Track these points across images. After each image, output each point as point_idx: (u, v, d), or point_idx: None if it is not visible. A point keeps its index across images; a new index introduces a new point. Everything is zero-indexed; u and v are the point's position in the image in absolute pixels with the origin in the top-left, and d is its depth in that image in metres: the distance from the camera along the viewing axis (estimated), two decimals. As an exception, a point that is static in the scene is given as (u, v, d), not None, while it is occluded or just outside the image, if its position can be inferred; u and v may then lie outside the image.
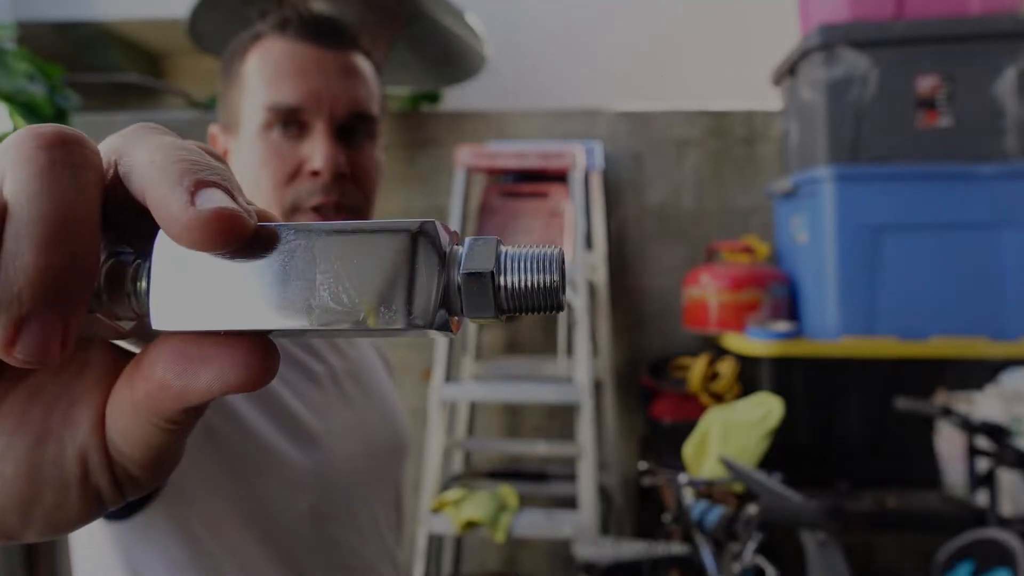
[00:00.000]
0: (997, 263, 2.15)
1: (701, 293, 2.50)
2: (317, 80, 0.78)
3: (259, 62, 0.80)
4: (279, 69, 0.78)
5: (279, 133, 0.79)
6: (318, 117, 0.78)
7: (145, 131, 0.31)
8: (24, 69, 2.37)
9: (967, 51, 2.18)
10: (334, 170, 0.77)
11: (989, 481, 1.77)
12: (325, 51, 0.80)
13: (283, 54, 0.79)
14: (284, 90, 0.78)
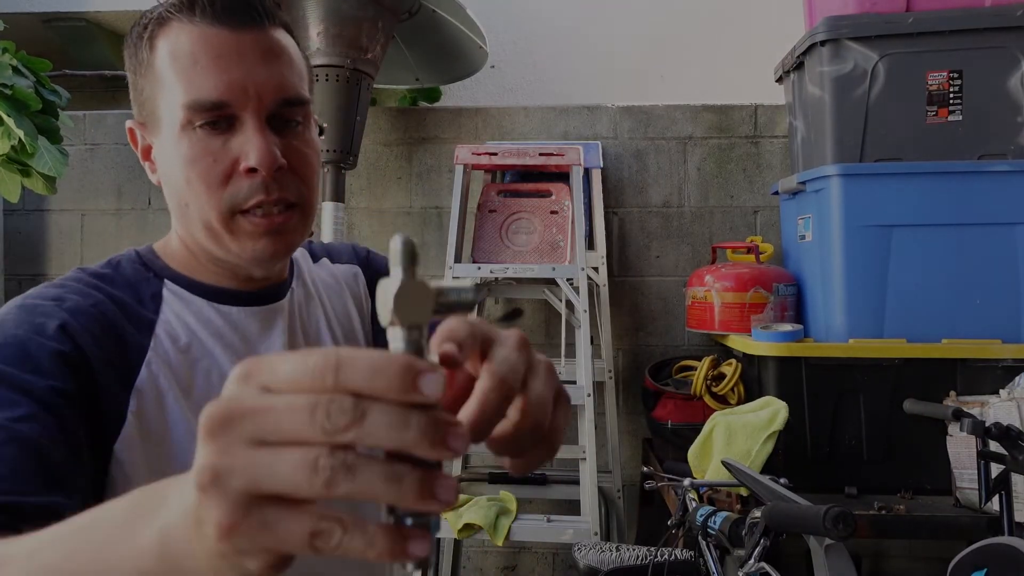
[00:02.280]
0: (1012, 263, 2.10)
1: (705, 293, 2.46)
2: (238, 69, 0.71)
3: (170, 52, 0.72)
4: (194, 60, 0.71)
5: (205, 131, 0.72)
6: (245, 109, 0.72)
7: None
8: (9, 62, 2.33)
9: (979, 44, 2.13)
10: (272, 165, 0.72)
11: (1002, 487, 1.72)
12: (241, 33, 0.72)
13: (196, 42, 0.71)
14: (203, 84, 0.71)
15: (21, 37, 2.70)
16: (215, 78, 0.71)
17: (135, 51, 0.75)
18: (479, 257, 2.57)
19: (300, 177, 0.77)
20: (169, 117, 0.73)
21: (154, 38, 0.73)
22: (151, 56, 0.73)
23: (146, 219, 3.07)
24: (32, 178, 2.46)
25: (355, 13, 2.47)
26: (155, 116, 0.75)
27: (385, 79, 3.12)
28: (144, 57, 0.74)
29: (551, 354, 2.93)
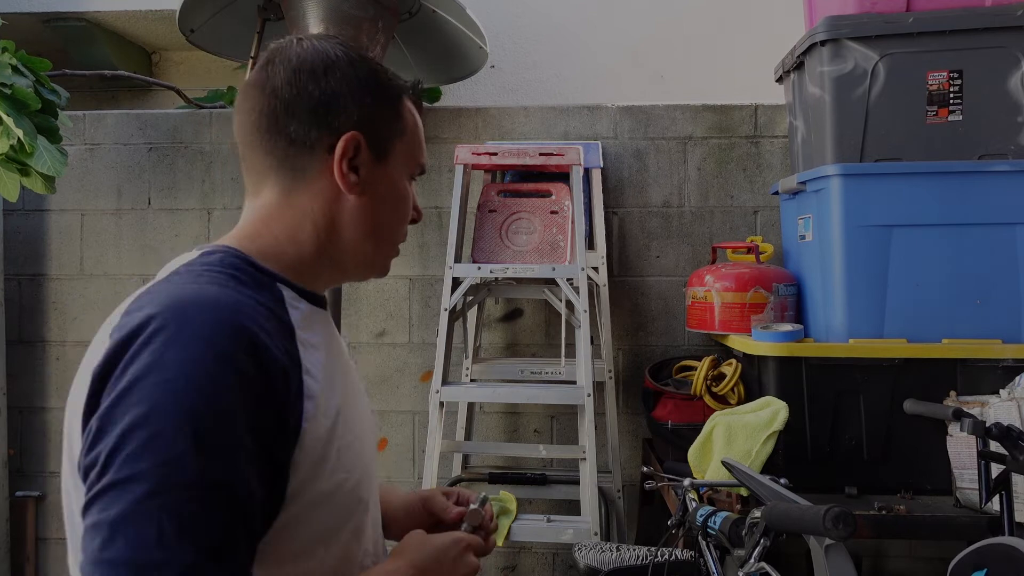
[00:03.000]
0: (1012, 263, 2.10)
1: (705, 293, 2.46)
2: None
3: (413, 121, 0.94)
4: (421, 134, 0.96)
5: (410, 184, 0.95)
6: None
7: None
8: (8, 61, 2.33)
9: (979, 44, 2.13)
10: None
11: (1003, 487, 1.72)
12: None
13: (417, 121, 0.95)
14: (422, 154, 0.96)
15: (21, 37, 2.70)
16: (424, 154, 0.97)
17: (386, 96, 0.91)
18: (479, 257, 2.57)
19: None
20: (401, 161, 0.92)
21: (402, 101, 0.93)
22: (402, 110, 0.92)
23: (146, 219, 3.07)
24: (31, 177, 2.46)
25: (355, 13, 2.47)
26: (386, 150, 0.90)
27: (385, 79, 3.11)
28: (396, 108, 0.92)
29: (551, 354, 2.93)
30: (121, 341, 0.70)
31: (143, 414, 0.65)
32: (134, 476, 0.64)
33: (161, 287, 0.77)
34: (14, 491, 3.04)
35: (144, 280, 3.02)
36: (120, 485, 0.64)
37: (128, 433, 0.65)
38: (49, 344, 3.09)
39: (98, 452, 0.66)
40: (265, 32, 2.69)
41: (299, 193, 0.87)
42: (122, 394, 0.67)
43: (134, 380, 0.67)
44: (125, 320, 0.72)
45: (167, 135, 3.08)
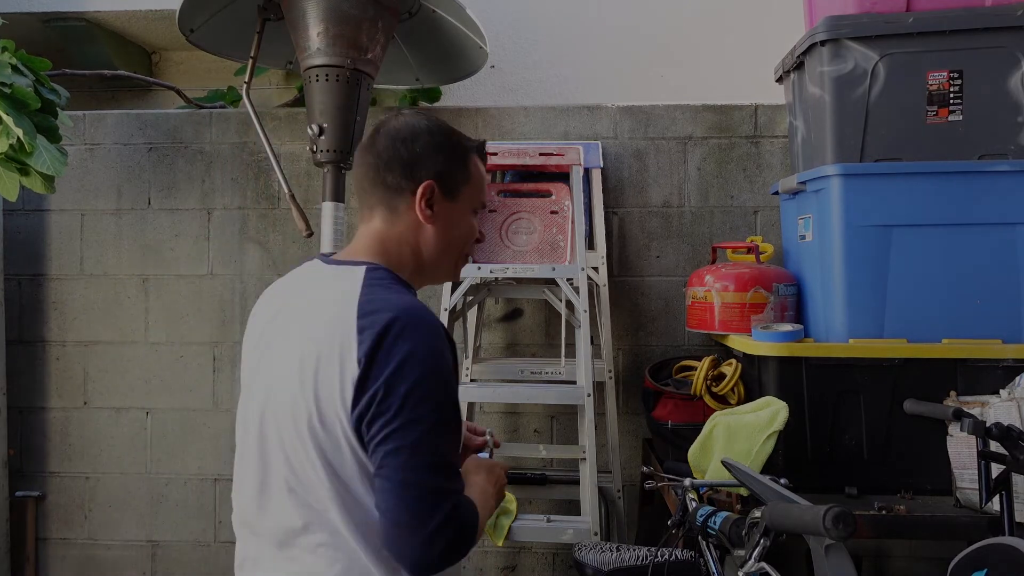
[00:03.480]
0: (1012, 263, 2.10)
1: (705, 293, 2.46)
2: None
3: (478, 171, 1.31)
4: (484, 180, 1.33)
5: (473, 216, 1.33)
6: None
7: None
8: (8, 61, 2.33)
9: (979, 44, 2.13)
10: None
11: (1003, 487, 1.72)
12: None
13: (482, 171, 1.33)
14: (484, 195, 1.34)
15: (21, 36, 2.70)
16: (485, 194, 1.36)
17: (459, 152, 1.28)
18: (479, 257, 2.57)
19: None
20: (467, 200, 1.30)
21: (470, 156, 1.30)
22: (469, 164, 1.29)
23: (146, 219, 3.07)
24: (30, 177, 2.46)
25: (355, 13, 2.46)
26: (455, 190, 1.27)
27: (385, 79, 3.11)
28: (466, 161, 1.29)
29: (551, 354, 2.93)
30: (379, 333, 1.08)
31: (417, 379, 1.07)
32: (420, 417, 1.07)
33: (378, 294, 1.14)
34: (14, 491, 3.04)
35: (144, 280, 3.03)
36: (413, 423, 1.06)
37: (411, 391, 1.06)
38: (49, 344, 3.09)
39: (390, 403, 1.06)
40: (265, 32, 2.68)
41: (396, 223, 1.25)
42: (398, 367, 1.07)
43: (405, 358, 1.07)
44: (371, 320, 1.09)
45: (167, 135, 3.08)
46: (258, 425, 1.17)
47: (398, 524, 1.06)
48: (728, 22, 3.36)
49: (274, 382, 1.16)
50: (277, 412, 1.14)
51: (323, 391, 1.09)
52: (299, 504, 1.13)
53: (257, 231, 3.04)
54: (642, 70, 3.38)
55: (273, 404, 1.15)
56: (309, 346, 1.12)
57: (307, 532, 1.12)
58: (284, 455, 1.13)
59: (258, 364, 1.21)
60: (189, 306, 3.05)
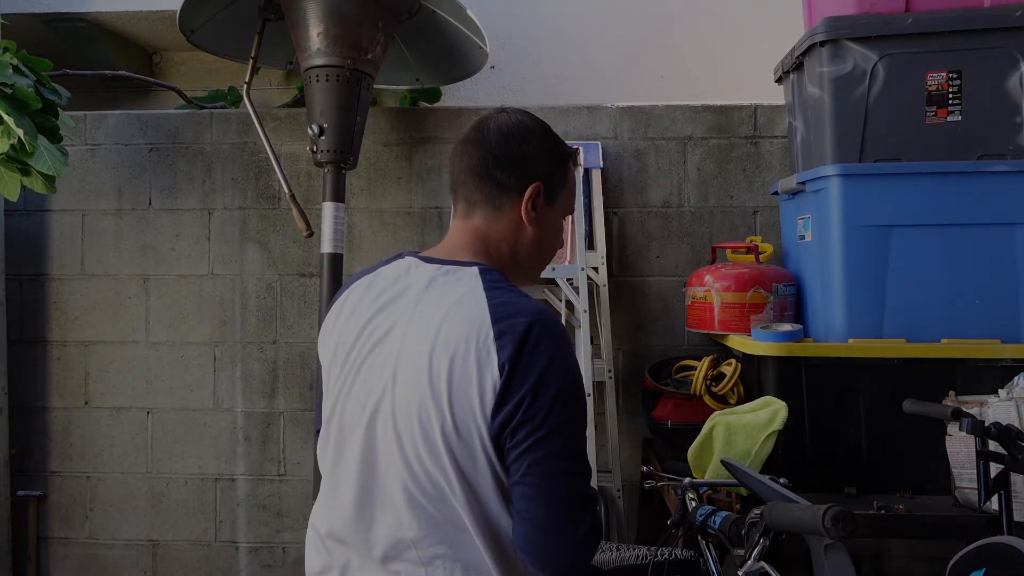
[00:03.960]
0: (1011, 263, 2.10)
1: (705, 293, 2.46)
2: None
3: (573, 177, 1.33)
4: (576, 186, 1.42)
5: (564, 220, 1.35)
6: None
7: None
8: (9, 61, 2.33)
9: (979, 44, 2.14)
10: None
11: (1002, 486, 1.72)
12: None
13: (576, 178, 1.40)
14: (574, 200, 1.37)
15: (22, 37, 2.70)
16: (575, 199, 1.39)
17: (561, 159, 1.29)
18: (479, 257, 2.57)
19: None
20: (562, 205, 1.30)
21: (569, 165, 1.31)
22: (567, 172, 1.30)
23: (147, 219, 3.07)
24: (31, 177, 2.46)
25: (355, 13, 2.47)
26: (554, 195, 1.28)
27: (385, 79, 3.12)
28: (565, 170, 1.30)
29: (551, 354, 2.93)
30: (520, 339, 1.06)
31: (561, 386, 1.06)
32: (566, 424, 1.06)
33: (506, 298, 1.12)
34: (15, 491, 3.05)
35: (145, 280, 3.04)
36: (559, 429, 1.05)
37: (557, 398, 1.05)
38: (50, 344, 3.09)
39: (536, 410, 1.04)
40: (265, 32, 2.69)
41: (499, 222, 1.24)
42: (543, 374, 1.05)
43: (548, 365, 1.06)
44: (508, 324, 1.07)
45: (168, 135, 3.08)
46: (365, 429, 1.12)
47: (546, 530, 1.05)
48: (728, 23, 3.36)
49: (393, 386, 1.10)
50: (398, 417, 1.09)
51: (459, 398, 1.06)
52: (419, 514, 1.09)
53: (257, 231, 3.04)
54: (642, 70, 3.39)
55: (392, 409, 1.10)
56: (440, 350, 1.07)
57: (421, 544, 1.09)
58: (406, 463, 1.09)
59: (362, 364, 1.15)
60: (190, 306, 3.05)
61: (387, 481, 1.10)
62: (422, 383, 1.07)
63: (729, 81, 3.19)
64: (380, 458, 1.11)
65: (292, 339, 3.03)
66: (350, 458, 1.14)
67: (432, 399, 1.06)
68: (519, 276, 1.28)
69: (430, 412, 1.06)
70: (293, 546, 2.99)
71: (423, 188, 3.03)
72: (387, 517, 1.11)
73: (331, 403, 1.18)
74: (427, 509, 1.08)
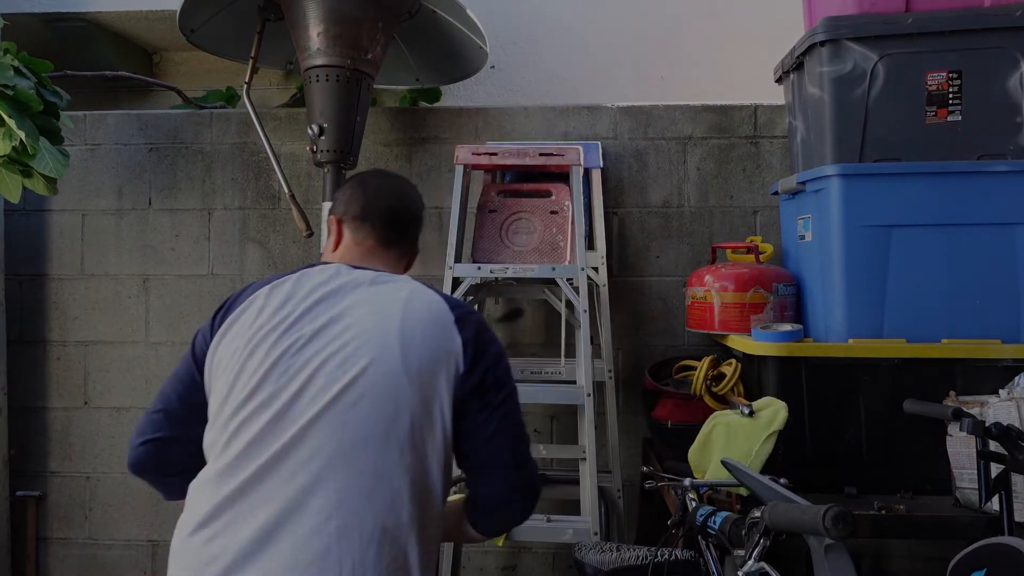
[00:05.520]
0: (1011, 263, 2.10)
1: (705, 293, 2.46)
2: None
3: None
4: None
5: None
6: None
7: None
8: (10, 63, 2.33)
9: (979, 44, 2.13)
10: None
11: (1002, 486, 1.72)
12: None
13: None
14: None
15: (22, 38, 2.70)
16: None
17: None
18: (479, 257, 2.57)
19: None
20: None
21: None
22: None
23: (147, 219, 3.07)
24: (33, 179, 2.46)
25: (355, 13, 2.47)
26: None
27: (385, 79, 3.12)
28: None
29: (551, 354, 2.93)
30: (478, 325, 1.33)
31: (505, 361, 1.36)
32: (514, 390, 1.35)
33: (447, 296, 1.35)
34: (14, 491, 3.04)
35: (145, 280, 3.04)
36: (513, 393, 1.34)
37: (508, 370, 1.35)
38: (50, 344, 3.09)
39: (498, 378, 1.31)
40: (265, 32, 2.69)
41: (396, 268, 1.52)
42: (498, 353, 1.34)
43: (497, 344, 1.35)
44: (462, 311, 1.32)
45: (168, 135, 3.08)
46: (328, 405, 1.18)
47: (518, 465, 1.31)
48: (728, 22, 3.36)
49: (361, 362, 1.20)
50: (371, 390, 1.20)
51: (426, 371, 1.23)
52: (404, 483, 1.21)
53: (257, 231, 3.04)
54: (642, 70, 3.39)
55: (364, 382, 1.20)
56: (408, 329, 1.24)
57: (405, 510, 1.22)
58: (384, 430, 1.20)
59: (303, 347, 1.22)
60: (190, 306, 3.05)
61: (363, 451, 1.17)
62: (394, 359, 1.21)
63: (729, 81, 3.19)
64: (353, 429, 1.18)
65: (292, 339, 3.02)
66: (308, 435, 1.17)
67: (404, 372, 1.21)
68: None
69: (402, 383, 1.21)
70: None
71: (423, 188, 3.01)
72: (383, 493, 1.18)
73: (252, 387, 1.20)
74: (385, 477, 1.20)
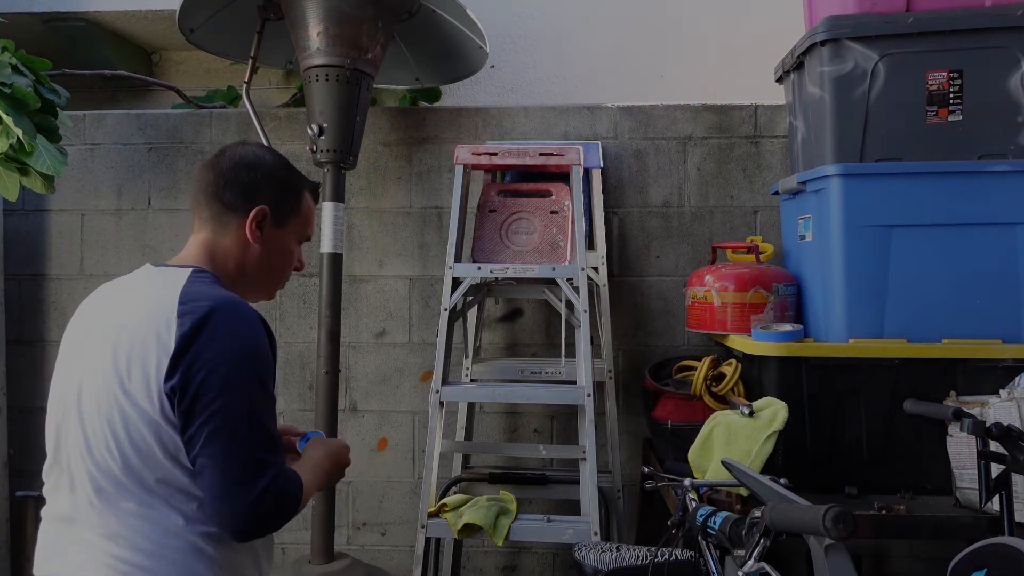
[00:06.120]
0: (1012, 263, 2.10)
1: (705, 293, 2.46)
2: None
3: (308, 206, 1.45)
4: (312, 215, 1.47)
5: (298, 246, 1.46)
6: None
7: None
8: (8, 61, 2.33)
9: (979, 44, 2.13)
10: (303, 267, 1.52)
11: (1003, 487, 1.72)
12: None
13: (311, 207, 1.46)
14: (310, 230, 1.48)
15: (21, 36, 2.70)
16: (311, 228, 1.49)
17: (294, 190, 1.42)
18: (479, 257, 2.57)
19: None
20: (294, 230, 1.42)
21: (304, 192, 1.43)
22: (300, 200, 1.42)
23: (146, 219, 3.07)
24: (30, 177, 2.46)
25: (355, 13, 2.47)
26: (284, 221, 1.39)
27: (385, 79, 3.11)
28: (297, 197, 1.42)
29: (551, 354, 2.94)
30: (199, 319, 1.16)
31: (234, 364, 1.17)
32: (239, 399, 1.16)
33: (200, 288, 1.23)
34: (14, 491, 3.04)
35: (144, 280, 3.03)
36: (233, 404, 1.15)
37: (229, 376, 1.16)
38: (49, 344, 3.09)
39: (210, 385, 1.14)
40: (265, 32, 2.69)
41: (225, 237, 1.34)
42: (218, 353, 1.15)
43: (223, 344, 1.16)
44: (191, 306, 1.18)
45: (167, 135, 3.08)
46: (75, 409, 1.23)
47: (220, 498, 1.13)
48: (728, 22, 3.36)
49: (86, 372, 1.22)
50: (89, 396, 1.20)
51: (134, 370, 1.16)
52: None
53: (257, 231, 3.04)
54: (642, 70, 3.38)
55: (87, 391, 1.21)
56: (124, 335, 1.19)
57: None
58: (96, 437, 1.19)
59: (70, 360, 1.30)
60: (189, 306, 3.05)
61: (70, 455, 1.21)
62: (107, 365, 1.19)
63: (729, 81, 3.18)
64: (78, 433, 1.21)
65: (292, 339, 3.02)
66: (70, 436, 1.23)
67: (114, 373, 1.18)
68: (249, 290, 1.39)
69: (113, 387, 1.17)
70: (292, 546, 2.98)
71: (423, 188, 3.02)
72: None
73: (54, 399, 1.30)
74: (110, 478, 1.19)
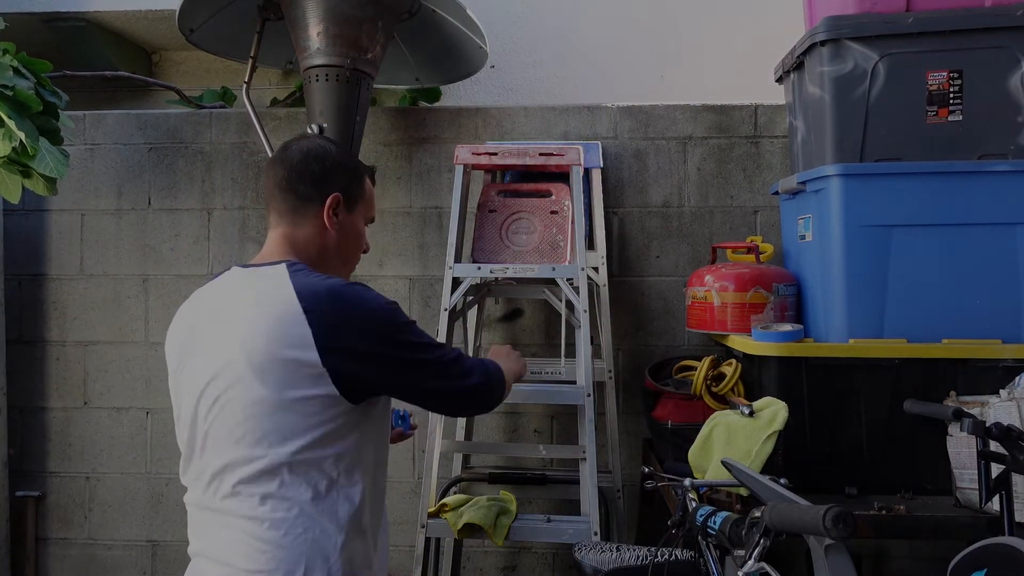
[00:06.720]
0: (1012, 263, 2.10)
1: (705, 293, 2.46)
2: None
3: (370, 190, 1.53)
4: (373, 198, 1.55)
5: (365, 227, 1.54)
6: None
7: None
8: (10, 63, 2.33)
9: (979, 44, 2.13)
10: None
11: (1003, 487, 1.72)
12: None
13: (372, 191, 1.54)
14: (374, 211, 1.57)
15: (21, 37, 2.70)
16: (374, 210, 1.58)
17: (356, 173, 1.50)
18: (479, 257, 2.57)
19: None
20: (361, 213, 1.50)
21: (365, 177, 1.52)
22: (363, 184, 1.50)
23: (146, 219, 3.07)
24: (33, 179, 2.46)
25: (355, 13, 2.47)
26: (353, 205, 1.47)
27: (385, 79, 3.11)
28: (359, 182, 1.50)
29: (551, 354, 2.94)
30: (326, 310, 1.25)
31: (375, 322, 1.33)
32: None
33: (306, 279, 1.30)
34: (14, 491, 3.04)
35: (144, 280, 3.03)
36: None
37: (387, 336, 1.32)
38: (49, 344, 3.09)
39: (373, 359, 1.30)
40: (265, 32, 2.69)
41: (304, 228, 1.42)
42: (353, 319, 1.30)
43: (363, 327, 1.30)
44: (311, 298, 1.26)
45: (167, 135, 3.08)
46: (191, 416, 1.35)
47: (464, 404, 1.69)
48: (728, 22, 3.36)
49: (215, 372, 1.28)
50: (220, 393, 1.28)
51: (271, 366, 1.23)
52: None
53: (257, 231, 3.04)
54: (642, 70, 3.39)
55: (214, 388, 1.28)
56: (249, 333, 1.24)
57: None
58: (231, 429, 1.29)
59: (191, 363, 1.34)
60: (189, 306, 3.05)
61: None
62: (236, 361, 1.24)
63: (729, 81, 3.18)
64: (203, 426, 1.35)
65: (292, 339, 3.02)
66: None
67: (247, 368, 1.24)
68: (334, 271, 1.45)
69: (247, 380, 1.24)
70: (293, 546, 2.98)
71: (423, 188, 3.02)
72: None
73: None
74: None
